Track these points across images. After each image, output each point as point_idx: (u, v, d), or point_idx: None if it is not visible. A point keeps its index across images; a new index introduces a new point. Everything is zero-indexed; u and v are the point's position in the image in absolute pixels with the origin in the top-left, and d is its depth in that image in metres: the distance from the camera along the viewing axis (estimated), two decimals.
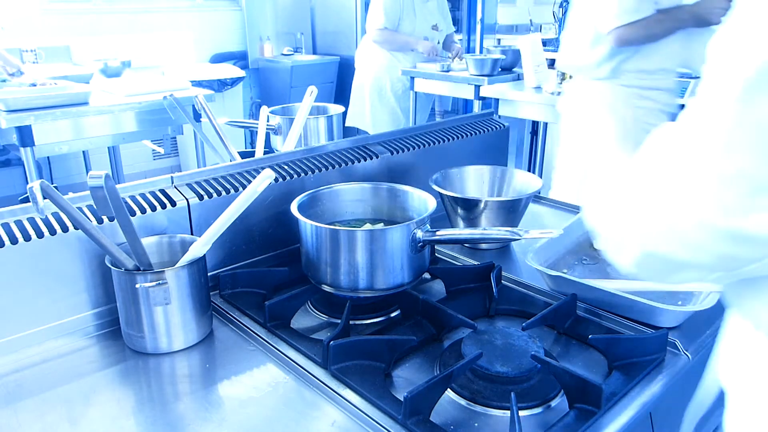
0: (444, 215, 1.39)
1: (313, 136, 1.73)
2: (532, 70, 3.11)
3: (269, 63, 4.78)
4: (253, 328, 1.01)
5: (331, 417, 0.82)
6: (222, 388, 0.88)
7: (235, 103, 4.62)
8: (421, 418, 0.77)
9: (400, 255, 1.03)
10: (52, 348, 0.97)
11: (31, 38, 3.73)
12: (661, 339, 0.94)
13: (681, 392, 0.96)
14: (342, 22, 4.76)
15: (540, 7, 6.16)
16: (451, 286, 1.13)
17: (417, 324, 1.02)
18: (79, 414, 0.83)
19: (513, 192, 1.43)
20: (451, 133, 1.59)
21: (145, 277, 0.91)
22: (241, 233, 1.18)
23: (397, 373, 0.91)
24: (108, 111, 2.66)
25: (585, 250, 1.31)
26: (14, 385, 0.88)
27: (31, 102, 2.46)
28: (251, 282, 1.13)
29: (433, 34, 3.82)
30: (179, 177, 1.13)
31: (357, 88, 3.94)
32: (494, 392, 0.84)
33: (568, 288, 1.08)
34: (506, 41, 5.40)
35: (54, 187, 0.84)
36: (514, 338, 0.92)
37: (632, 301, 1.00)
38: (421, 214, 1.15)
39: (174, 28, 4.43)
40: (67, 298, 0.99)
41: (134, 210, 1.04)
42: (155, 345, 0.95)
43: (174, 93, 2.36)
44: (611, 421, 0.80)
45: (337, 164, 1.32)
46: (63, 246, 0.96)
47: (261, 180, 0.96)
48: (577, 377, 0.81)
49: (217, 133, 1.60)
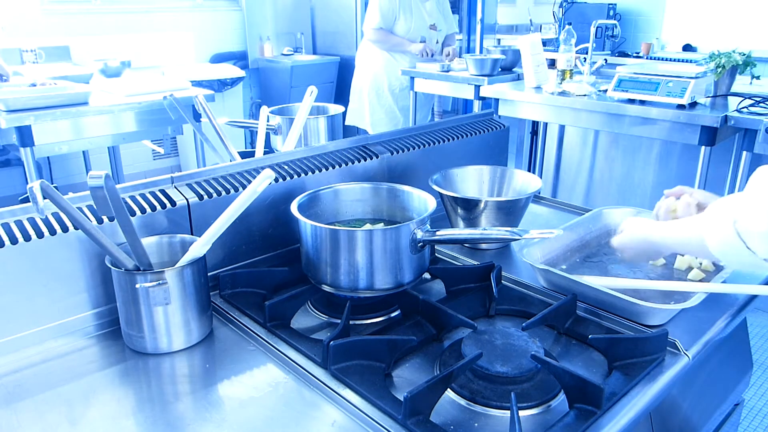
0: (444, 215, 1.39)
1: (313, 136, 1.73)
2: (532, 70, 3.10)
3: (269, 63, 4.78)
4: (253, 328, 1.01)
5: (331, 417, 0.82)
6: (222, 388, 0.88)
7: (235, 103, 4.62)
8: (421, 418, 0.77)
9: (400, 255, 1.03)
10: (52, 348, 0.97)
11: (31, 38, 3.73)
12: (661, 339, 0.94)
13: (681, 392, 0.96)
14: (342, 22, 4.76)
15: (540, 7, 6.16)
16: (451, 286, 1.13)
17: (417, 324, 1.02)
18: (79, 414, 0.83)
19: (513, 192, 1.43)
20: (451, 133, 1.59)
21: (145, 277, 0.91)
22: (241, 233, 1.18)
23: (397, 373, 0.91)
24: (108, 111, 2.66)
25: (585, 249, 1.31)
26: (14, 385, 0.88)
27: (30, 102, 2.46)
28: (251, 282, 1.13)
29: (431, 34, 3.83)
30: (179, 177, 1.13)
31: (356, 87, 3.95)
32: (494, 392, 0.84)
33: (558, 282, 1.10)
34: (506, 41, 5.41)
35: (54, 187, 0.84)
36: (514, 338, 0.92)
37: (615, 297, 1.01)
38: (421, 214, 1.16)
39: (174, 28, 4.44)
40: (67, 298, 0.99)
41: (134, 210, 1.04)
42: (155, 345, 0.95)
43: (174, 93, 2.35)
44: (611, 421, 0.80)
45: (337, 164, 1.32)
46: (63, 246, 0.96)
47: (261, 180, 0.96)
48: (577, 377, 0.81)
49: (217, 133, 1.60)
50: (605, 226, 1.37)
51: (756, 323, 2.90)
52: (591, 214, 1.37)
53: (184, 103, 2.24)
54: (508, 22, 6.03)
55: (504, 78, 3.44)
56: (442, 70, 3.58)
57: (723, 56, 2.72)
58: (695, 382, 1.11)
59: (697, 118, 2.49)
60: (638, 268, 1.23)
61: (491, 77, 3.38)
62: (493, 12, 5.73)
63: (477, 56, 3.49)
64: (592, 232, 1.34)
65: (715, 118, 2.44)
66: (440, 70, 3.59)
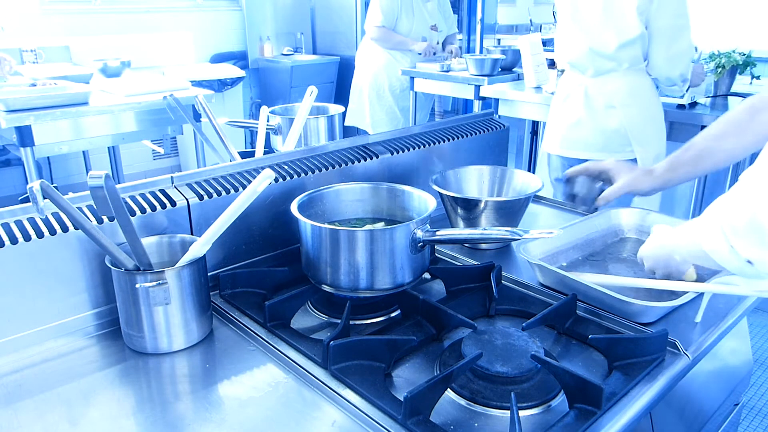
0: (444, 215, 1.39)
1: (313, 136, 1.73)
2: (532, 70, 3.10)
3: (269, 63, 4.78)
4: (253, 328, 1.01)
5: (331, 417, 0.82)
6: (222, 388, 0.88)
7: (235, 103, 4.62)
8: (421, 418, 0.77)
9: (400, 255, 1.03)
10: (52, 348, 0.97)
11: (30, 38, 3.73)
12: (661, 339, 0.94)
13: (681, 392, 0.96)
14: (342, 22, 4.76)
15: (540, 7, 6.16)
16: (451, 286, 1.13)
17: (417, 324, 1.02)
18: (79, 414, 0.83)
19: (513, 192, 1.43)
20: (451, 133, 1.59)
21: (145, 277, 0.91)
22: (241, 233, 1.18)
23: (397, 373, 0.91)
24: (108, 111, 2.66)
25: (588, 248, 1.31)
26: (14, 385, 0.88)
27: (30, 102, 2.46)
28: (251, 282, 1.13)
29: (431, 34, 3.83)
30: (179, 177, 1.13)
31: (356, 87, 3.95)
32: (494, 392, 0.85)
33: (553, 279, 1.11)
34: (506, 41, 5.41)
35: (54, 187, 0.84)
36: (514, 338, 0.92)
37: (606, 294, 1.02)
38: (421, 214, 1.16)
39: (174, 28, 4.43)
40: (67, 298, 0.99)
41: (134, 210, 1.04)
42: (155, 345, 0.95)
43: (174, 93, 2.36)
44: (611, 421, 0.80)
45: (337, 164, 1.32)
46: (63, 246, 0.96)
47: (261, 180, 0.96)
48: (577, 377, 0.81)
49: (217, 133, 1.60)
50: (611, 227, 1.37)
51: (756, 323, 2.90)
52: (598, 214, 1.37)
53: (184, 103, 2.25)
54: (508, 22, 6.04)
55: (504, 78, 3.44)
56: (442, 70, 3.58)
57: (723, 56, 2.72)
58: (695, 382, 1.11)
59: (697, 118, 2.49)
60: (639, 268, 1.23)
61: (491, 77, 3.38)
62: (493, 12, 5.73)
63: (477, 56, 3.49)
64: (597, 232, 1.34)
65: (715, 118, 2.44)
66: (440, 70, 3.59)
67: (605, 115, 2.11)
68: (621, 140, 2.11)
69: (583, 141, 2.16)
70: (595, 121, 2.13)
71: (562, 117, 2.22)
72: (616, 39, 2.02)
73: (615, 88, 2.09)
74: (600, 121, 2.12)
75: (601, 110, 2.11)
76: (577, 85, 2.17)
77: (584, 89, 2.14)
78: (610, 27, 2.02)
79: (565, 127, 2.20)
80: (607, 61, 2.07)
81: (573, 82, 2.19)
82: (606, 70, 2.09)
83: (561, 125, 2.22)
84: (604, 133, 2.12)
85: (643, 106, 2.12)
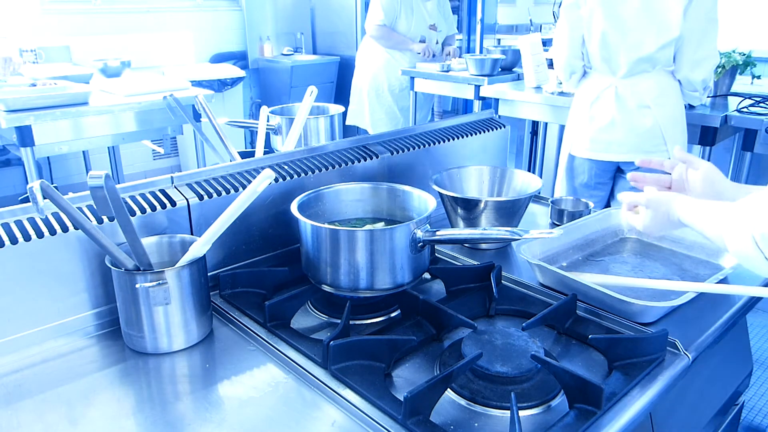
0: (444, 215, 1.39)
1: (313, 136, 1.73)
2: (532, 70, 3.10)
3: (269, 63, 4.78)
4: (253, 328, 1.01)
5: (331, 417, 0.82)
6: (222, 388, 0.88)
7: (235, 103, 4.62)
8: (421, 418, 0.77)
9: (400, 255, 1.03)
10: (52, 348, 0.97)
11: (30, 38, 3.73)
12: (661, 339, 0.94)
13: (681, 392, 0.96)
14: (342, 22, 4.76)
15: (540, 7, 6.17)
16: (451, 286, 1.13)
17: (417, 324, 1.02)
18: (79, 414, 0.83)
19: (513, 192, 1.43)
20: (451, 133, 1.59)
21: (145, 277, 0.91)
22: (241, 233, 1.18)
23: (397, 373, 0.91)
24: (108, 111, 2.66)
25: (588, 248, 1.31)
26: (14, 385, 0.88)
27: (31, 102, 2.46)
28: (251, 282, 1.13)
29: (430, 34, 3.83)
30: (179, 177, 1.13)
31: (356, 87, 3.95)
32: (494, 392, 0.84)
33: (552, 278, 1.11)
34: (506, 41, 5.41)
35: (54, 187, 0.84)
36: (514, 338, 0.92)
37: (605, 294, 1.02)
38: (421, 214, 1.16)
39: (174, 28, 4.43)
40: (67, 298, 0.99)
41: (134, 210, 1.04)
42: (155, 345, 0.95)
43: (174, 93, 2.35)
44: (611, 421, 0.80)
45: (337, 164, 1.32)
46: (63, 246, 0.96)
47: (261, 180, 0.96)
48: (577, 377, 0.81)
49: (217, 133, 1.60)
50: (611, 227, 1.37)
51: (756, 323, 2.90)
52: (598, 213, 1.37)
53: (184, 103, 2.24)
54: (508, 22, 6.04)
55: (504, 78, 3.43)
56: (442, 70, 3.58)
57: (723, 56, 2.71)
58: (695, 382, 1.11)
59: (697, 118, 2.49)
60: (640, 268, 1.23)
61: (491, 77, 3.37)
62: (493, 12, 5.73)
63: (477, 56, 3.49)
64: (597, 232, 1.34)
65: (715, 118, 2.44)
66: (440, 70, 3.59)
67: (639, 115, 2.09)
68: (655, 140, 2.10)
69: (617, 142, 2.14)
70: (629, 122, 2.11)
71: (591, 119, 2.19)
72: (656, 39, 2.01)
73: (646, 87, 2.08)
74: (634, 121, 2.10)
75: (635, 110, 2.10)
76: (606, 86, 2.14)
77: (614, 90, 2.12)
78: (652, 27, 2.00)
79: (596, 130, 2.18)
80: (644, 62, 2.06)
81: (601, 84, 2.16)
82: (639, 70, 2.08)
83: (590, 127, 2.19)
84: (639, 133, 2.11)
85: (674, 105, 2.11)
